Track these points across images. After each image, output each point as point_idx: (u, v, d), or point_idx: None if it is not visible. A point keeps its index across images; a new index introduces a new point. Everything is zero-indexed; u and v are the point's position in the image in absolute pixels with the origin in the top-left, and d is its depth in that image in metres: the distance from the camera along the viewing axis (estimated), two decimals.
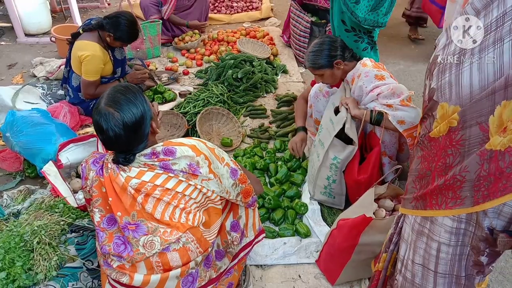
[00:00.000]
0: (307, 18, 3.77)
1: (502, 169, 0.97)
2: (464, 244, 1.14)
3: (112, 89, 1.38)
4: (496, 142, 0.96)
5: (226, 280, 1.66)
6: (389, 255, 1.44)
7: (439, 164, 1.12)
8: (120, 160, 1.35)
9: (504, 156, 0.96)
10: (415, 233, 1.25)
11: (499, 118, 0.96)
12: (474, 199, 1.05)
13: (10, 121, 2.40)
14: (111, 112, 1.30)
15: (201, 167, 1.37)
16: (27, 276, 1.53)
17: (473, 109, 1.00)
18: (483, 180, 1.02)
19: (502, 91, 0.94)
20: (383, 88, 2.02)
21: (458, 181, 1.07)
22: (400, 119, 1.94)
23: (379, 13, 2.62)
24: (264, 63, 3.72)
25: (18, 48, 4.30)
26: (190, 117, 2.97)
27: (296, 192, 2.36)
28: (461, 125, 1.04)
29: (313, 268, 1.98)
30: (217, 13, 5.25)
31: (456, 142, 1.07)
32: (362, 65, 2.17)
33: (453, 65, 1.06)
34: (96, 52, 2.74)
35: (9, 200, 2.07)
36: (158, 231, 1.34)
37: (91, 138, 2.38)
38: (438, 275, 1.22)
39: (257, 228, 1.74)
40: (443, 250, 1.18)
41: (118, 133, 1.31)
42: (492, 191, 1.00)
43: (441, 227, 1.16)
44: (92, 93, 2.89)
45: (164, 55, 4.18)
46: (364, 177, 2.04)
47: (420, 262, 1.25)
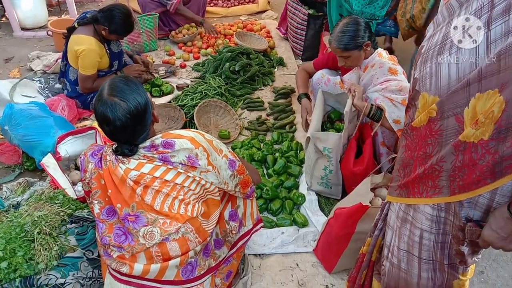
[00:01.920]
0: (304, 11, 3.77)
1: (475, 161, 0.98)
2: (445, 232, 1.17)
3: (112, 80, 1.37)
4: (469, 134, 0.98)
5: (225, 269, 1.68)
6: (373, 239, 1.47)
7: (420, 153, 1.14)
8: (125, 151, 1.35)
9: (477, 148, 0.97)
10: (400, 220, 1.28)
11: (473, 110, 0.97)
12: (450, 189, 1.07)
13: (8, 114, 2.41)
14: (117, 102, 1.29)
15: (200, 159, 1.38)
16: (28, 266, 1.54)
17: (450, 100, 1.02)
18: (458, 170, 1.04)
19: (477, 83, 0.95)
20: (393, 83, 2.02)
21: (436, 171, 1.09)
22: (396, 118, 1.96)
23: (375, 6, 2.63)
24: (261, 56, 3.73)
25: (15, 42, 4.28)
26: (187, 109, 2.99)
27: (293, 183, 2.38)
28: (439, 115, 1.05)
29: (311, 256, 2.01)
30: (214, 6, 5.24)
31: (435, 132, 1.08)
32: (378, 55, 2.16)
33: (434, 56, 1.06)
34: (92, 46, 2.74)
35: (8, 192, 2.08)
36: (158, 222, 1.35)
37: (89, 131, 2.38)
38: (422, 261, 1.24)
39: (255, 217, 1.76)
40: (426, 237, 1.20)
41: (125, 123, 1.30)
42: (467, 182, 1.02)
43: (423, 214, 1.18)
44: (90, 87, 2.89)
45: (161, 49, 4.18)
46: (359, 169, 2.06)
47: (405, 248, 1.28)
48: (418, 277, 1.28)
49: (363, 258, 1.55)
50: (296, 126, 2.98)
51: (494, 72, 0.91)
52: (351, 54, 2.14)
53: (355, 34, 2.08)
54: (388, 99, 2.00)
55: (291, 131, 2.91)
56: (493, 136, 0.93)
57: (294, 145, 2.70)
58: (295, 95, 3.38)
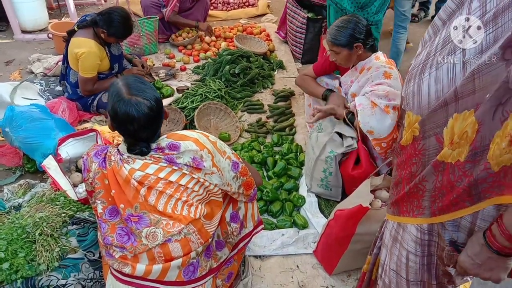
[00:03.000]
0: (303, 14, 3.80)
1: (452, 183, 0.97)
2: (430, 254, 1.14)
3: (125, 79, 1.39)
4: (446, 154, 0.97)
5: (226, 270, 1.69)
6: (373, 258, 1.46)
7: (407, 172, 1.13)
8: (144, 150, 1.37)
9: (454, 170, 0.96)
10: (392, 239, 1.26)
11: (451, 130, 0.96)
12: (431, 210, 1.06)
13: (9, 116, 2.41)
14: (140, 101, 1.32)
15: (205, 161, 1.39)
16: (29, 267, 1.55)
17: (430, 119, 1.01)
18: (438, 191, 1.02)
19: (454, 103, 0.94)
20: (381, 88, 2.02)
21: (420, 190, 1.07)
22: (369, 129, 1.98)
23: (369, 12, 2.64)
24: (261, 59, 3.75)
25: (15, 45, 4.30)
26: (188, 112, 3.00)
27: (293, 185, 2.39)
28: (421, 134, 1.05)
29: (311, 258, 2.01)
30: (214, 9, 5.27)
31: (419, 152, 1.08)
32: (375, 58, 2.16)
33: (417, 75, 1.06)
34: (91, 48, 2.75)
35: (9, 194, 2.08)
36: (161, 223, 1.35)
37: (90, 133, 2.39)
38: (410, 283, 1.21)
39: (256, 219, 1.77)
40: (411, 259, 1.17)
41: (149, 120, 1.34)
42: (445, 204, 1.01)
43: (409, 235, 1.16)
44: (90, 89, 2.91)
45: (161, 52, 4.20)
46: (358, 172, 2.07)
47: (394, 268, 1.25)
48: None
49: (363, 276, 1.54)
50: (295, 128, 2.99)
51: (470, 92, 0.91)
52: (341, 51, 2.15)
53: (349, 32, 2.09)
54: (372, 103, 2.00)
55: (291, 134, 2.92)
56: (468, 158, 0.92)
57: (294, 147, 2.72)
58: (294, 98, 3.40)
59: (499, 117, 0.85)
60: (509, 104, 0.83)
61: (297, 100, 3.37)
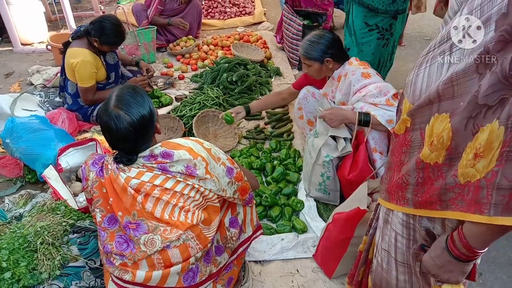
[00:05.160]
0: (299, 22, 3.84)
1: (432, 180, 1.00)
2: (415, 239, 1.17)
3: (119, 90, 1.40)
4: (426, 154, 0.99)
5: (226, 275, 1.70)
6: (369, 238, 1.49)
7: (397, 160, 1.17)
8: (124, 160, 1.39)
9: (433, 170, 0.99)
10: (383, 221, 1.30)
11: (431, 129, 0.99)
12: (413, 203, 1.09)
13: (10, 128, 2.44)
14: (121, 115, 1.32)
15: (198, 169, 1.40)
16: (31, 276, 1.56)
17: (418, 113, 1.04)
18: (420, 186, 1.06)
19: (437, 103, 0.96)
20: (370, 87, 2.06)
21: (404, 182, 1.11)
22: (389, 118, 2.00)
23: (398, 2, 2.73)
24: (258, 66, 3.79)
25: (15, 57, 4.34)
26: (186, 120, 3.02)
27: (292, 189, 2.41)
28: (412, 126, 1.08)
29: (311, 262, 2.02)
30: (211, 18, 5.32)
31: (407, 142, 1.11)
32: (348, 64, 2.23)
33: (417, 66, 1.08)
34: (86, 57, 2.78)
35: (10, 205, 2.10)
36: (159, 229, 1.37)
37: (90, 142, 2.42)
38: (398, 263, 1.25)
39: (255, 224, 1.78)
40: (399, 240, 1.21)
41: (126, 135, 1.34)
42: (424, 200, 1.04)
43: (396, 218, 1.20)
44: (91, 99, 2.94)
45: (159, 61, 4.24)
46: (353, 175, 2.09)
47: (386, 248, 1.29)
48: (396, 279, 1.28)
49: (360, 255, 1.57)
50: (293, 134, 3.02)
51: (449, 96, 0.93)
52: (312, 64, 2.27)
53: (320, 48, 2.20)
54: (373, 105, 2.03)
55: (289, 139, 2.95)
56: (446, 161, 0.95)
57: (292, 152, 2.74)
58: (292, 104, 3.42)
59: (470, 129, 0.87)
60: (479, 118, 0.85)
61: (295, 106, 3.39)
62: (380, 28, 2.77)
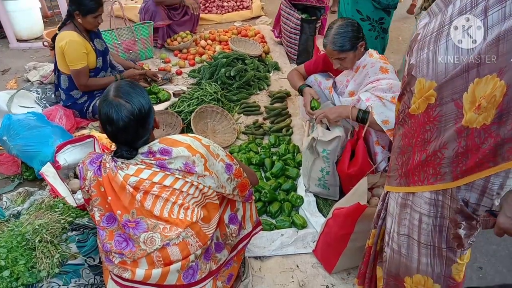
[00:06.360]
0: (297, 16, 3.82)
1: (478, 145, 1.01)
2: (443, 216, 1.19)
3: (118, 82, 1.41)
4: (472, 119, 1.00)
5: (226, 272, 1.69)
6: (377, 230, 1.49)
7: (419, 140, 1.17)
8: (124, 154, 1.37)
9: (480, 133, 1.00)
10: (399, 207, 1.31)
11: (472, 95, 1.00)
12: (453, 175, 1.10)
13: (7, 125, 2.42)
14: (122, 103, 1.32)
15: (197, 166, 1.39)
16: (30, 274, 1.55)
17: (449, 86, 1.04)
18: (461, 156, 1.06)
19: (475, 69, 0.97)
20: (383, 82, 2.06)
21: (438, 158, 1.11)
22: (385, 118, 1.99)
23: None
24: (256, 61, 3.77)
25: (11, 54, 4.31)
26: (185, 115, 3.01)
27: (291, 185, 2.40)
28: (438, 101, 1.08)
29: (311, 257, 2.02)
30: (208, 13, 5.29)
31: (434, 118, 1.11)
32: (369, 55, 2.20)
33: (431, 42, 1.09)
34: (73, 37, 2.75)
35: (8, 202, 2.08)
36: (158, 227, 1.36)
37: (88, 139, 2.40)
38: (421, 245, 1.27)
39: (255, 220, 1.78)
40: (424, 220, 1.22)
41: (127, 124, 1.32)
42: (470, 166, 1.05)
43: (421, 198, 1.21)
44: (85, 83, 2.89)
45: (157, 56, 4.21)
46: (354, 170, 2.08)
47: (406, 232, 1.30)
48: (417, 262, 1.30)
49: (369, 251, 1.56)
50: (292, 129, 3.01)
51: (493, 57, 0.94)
52: (347, 56, 2.16)
53: (350, 35, 2.11)
54: (378, 97, 2.03)
55: (287, 134, 2.94)
56: (494, 120, 0.96)
57: (291, 147, 2.73)
58: (291, 99, 3.41)
59: None
60: None
61: (293, 101, 3.39)
62: (371, 20, 2.81)
